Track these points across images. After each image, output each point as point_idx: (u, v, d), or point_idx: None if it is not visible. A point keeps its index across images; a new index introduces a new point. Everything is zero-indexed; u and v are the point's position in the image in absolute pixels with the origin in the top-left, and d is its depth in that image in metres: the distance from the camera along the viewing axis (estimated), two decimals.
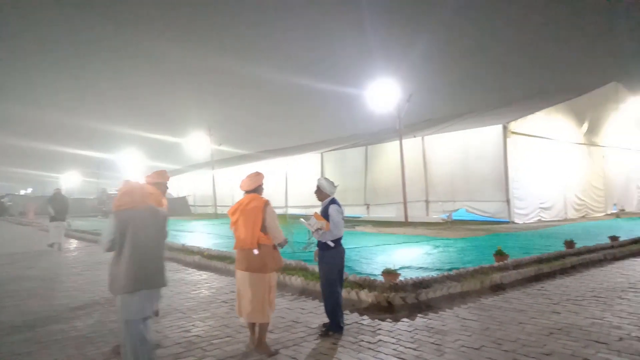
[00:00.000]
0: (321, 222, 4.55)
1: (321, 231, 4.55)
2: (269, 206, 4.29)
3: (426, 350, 4.02)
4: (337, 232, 4.59)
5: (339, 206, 4.70)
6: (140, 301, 3.27)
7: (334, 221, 4.57)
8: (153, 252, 3.41)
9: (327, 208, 4.66)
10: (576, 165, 19.25)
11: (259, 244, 4.16)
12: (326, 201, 4.76)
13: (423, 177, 18.77)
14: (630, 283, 6.51)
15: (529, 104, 22.01)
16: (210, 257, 9.06)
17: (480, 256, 8.23)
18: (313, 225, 4.57)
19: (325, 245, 4.64)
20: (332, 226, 4.55)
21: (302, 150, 29.04)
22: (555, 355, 3.80)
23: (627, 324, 4.57)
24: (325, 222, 4.56)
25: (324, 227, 4.53)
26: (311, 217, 4.63)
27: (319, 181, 4.82)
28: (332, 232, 4.56)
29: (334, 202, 4.70)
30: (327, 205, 4.68)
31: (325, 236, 4.57)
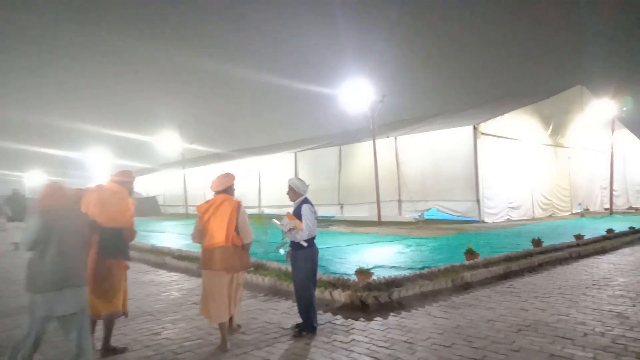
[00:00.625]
0: (294, 222, 4.52)
1: (294, 231, 4.51)
2: (242, 208, 4.43)
3: (399, 349, 4.05)
4: (310, 232, 4.55)
5: (311, 205, 4.65)
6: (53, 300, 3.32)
7: (307, 221, 4.54)
8: (73, 252, 3.46)
9: (299, 208, 4.62)
10: (543, 166, 19.83)
11: (232, 244, 4.28)
12: (298, 201, 4.71)
13: (396, 177, 18.97)
14: (594, 280, 6.73)
15: (498, 105, 22.54)
16: (180, 258, 8.89)
17: (451, 255, 8.35)
18: (286, 225, 4.54)
19: (298, 245, 4.60)
20: (305, 226, 4.52)
21: (276, 150, 28.89)
22: (523, 352, 3.89)
23: (591, 320, 4.72)
24: (298, 222, 4.53)
25: (297, 227, 4.50)
26: (284, 217, 4.59)
27: (291, 181, 4.77)
28: (305, 231, 4.52)
29: (307, 202, 4.66)
30: (300, 205, 4.64)
31: (298, 236, 4.54)
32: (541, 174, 19.54)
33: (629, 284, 6.37)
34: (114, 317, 4.22)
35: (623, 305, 5.25)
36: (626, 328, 4.42)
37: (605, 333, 4.29)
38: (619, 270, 7.50)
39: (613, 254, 9.23)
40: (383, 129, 22.35)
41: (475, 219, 16.43)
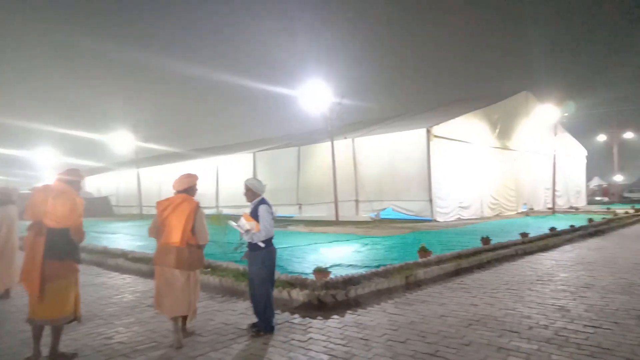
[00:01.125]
0: (251, 223, 4.48)
1: (251, 232, 4.49)
2: (201, 210, 4.57)
3: (355, 346, 4.13)
4: (267, 233, 4.54)
5: (269, 206, 4.64)
6: None
7: (264, 222, 4.51)
8: None
9: (256, 208, 4.59)
10: (491, 168, 20.72)
11: (187, 244, 4.41)
12: (255, 201, 4.68)
13: (353, 178, 19.23)
14: (538, 276, 7.12)
15: (450, 109, 23.34)
16: (134, 260, 8.64)
17: (406, 253, 8.59)
18: (242, 226, 4.50)
19: (255, 246, 4.58)
20: (262, 227, 4.50)
21: (234, 150, 28.54)
22: (473, 345, 4.07)
23: (536, 314, 5.00)
24: (255, 222, 4.49)
25: (254, 228, 4.47)
26: (240, 218, 4.55)
27: (248, 181, 4.74)
28: (262, 232, 4.49)
29: (264, 202, 4.64)
30: (257, 206, 4.61)
31: (255, 237, 4.50)
32: (489, 175, 20.41)
33: (569, 279, 6.79)
34: (61, 322, 4.05)
35: (565, 299, 5.59)
36: (567, 320, 4.71)
37: (549, 326, 4.56)
38: (561, 266, 7.97)
39: (555, 251, 9.79)
40: (341, 130, 22.58)
41: (428, 218, 16.96)
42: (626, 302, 5.38)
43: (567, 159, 27.47)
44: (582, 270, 7.50)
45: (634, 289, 6.00)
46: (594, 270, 7.46)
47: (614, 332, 4.31)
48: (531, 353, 3.84)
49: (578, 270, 7.52)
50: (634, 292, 5.86)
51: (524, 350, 3.90)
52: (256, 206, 4.62)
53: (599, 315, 4.87)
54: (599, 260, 8.40)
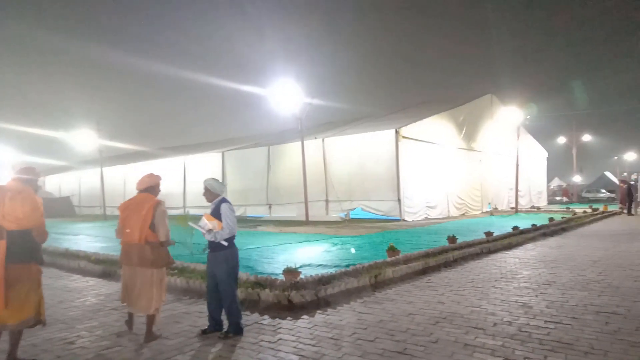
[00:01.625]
0: (213, 223, 4.39)
1: (214, 231, 4.39)
2: (160, 207, 4.54)
3: (325, 346, 4.14)
4: (231, 230, 4.47)
5: (230, 204, 4.59)
6: None
7: (227, 219, 4.45)
8: None
9: (218, 207, 4.51)
10: (457, 168, 21.22)
11: (146, 241, 4.42)
12: (216, 201, 4.59)
13: (323, 178, 19.29)
14: (502, 273, 7.33)
15: (418, 111, 23.76)
16: (97, 262, 8.37)
17: (375, 252, 8.68)
18: (204, 226, 4.39)
19: (218, 245, 4.48)
20: (226, 224, 4.42)
21: (202, 149, 28.11)
22: (440, 343, 4.15)
23: (500, 311, 5.14)
24: (217, 221, 4.41)
25: (216, 227, 4.39)
26: (201, 218, 4.46)
27: (207, 182, 4.65)
28: (226, 230, 4.42)
29: (225, 201, 4.57)
30: (219, 205, 4.53)
31: (219, 235, 4.41)
32: (456, 176, 20.89)
33: (532, 277, 7.01)
34: (23, 326, 3.87)
35: (527, 296, 5.77)
36: (530, 317, 4.87)
37: (513, 322, 4.70)
38: (524, 264, 8.23)
39: (518, 249, 10.11)
40: (311, 130, 22.63)
41: (396, 218, 17.21)
42: (584, 298, 5.60)
43: (529, 161, 28.44)
44: (544, 267, 7.76)
45: (592, 286, 6.26)
46: (554, 267, 7.74)
47: (573, 327, 4.48)
48: (496, 349, 3.94)
49: (540, 267, 7.78)
50: (592, 288, 6.11)
51: (489, 347, 4.00)
52: (217, 205, 4.54)
53: (559, 311, 5.05)
54: (559, 258, 8.72)
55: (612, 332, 4.29)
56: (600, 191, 44.91)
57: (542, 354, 3.80)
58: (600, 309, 5.09)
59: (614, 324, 4.52)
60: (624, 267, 7.63)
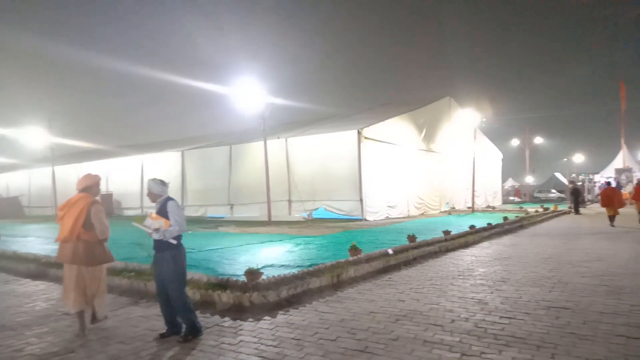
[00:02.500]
0: (159, 221, 4.26)
1: (161, 230, 4.25)
2: (95, 205, 4.75)
3: (287, 346, 4.12)
4: (181, 227, 4.37)
5: (177, 202, 4.51)
6: None
7: (175, 216, 4.34)
8: None
9: (164, 206, 4.40)
10: (417, 169, 21.70)
11: (78, 239, 4.60)
12: (161, 200, 4.47)
13: (286, 178, 19.23)
14: (459, 271, 7.54)
15: (379, 112, 24.11)
16: (48, 265, 7.99)
17: (337, 252, 8.73)
18: (150, 226, 4.24)
19: (165, 245, 4.35)
20: (174, 222, 4.31)
21: (161, 148, 27.39)
22: (400, 340, 4.22)
23: (458, 307, 5.28)
24: (164, 220, 4.28)
25: (163, 225, 4.26)
26: (146, 218, 4.32)
27: (148, 183, 4.53)
28: (175, 227, 4.31)
29: (171, 199, 4.47)
30: (164, 203, 4.42)
31: (168, 234, 4.28)
32: (416, 176, 21.36)
33: (487, 274, 7.25)
34: None
35: (483, 293, 5.96)
36: (486, 313, 5.03)
37: (469, 318, 4.84)
38: (480, 261, 8.50)
39: (475, 248, 10.43)
40: (274, 130, 22.49)
41: (358, 217, 17.40)
42: (536, 294, 5.85)
43: (485, 162, 29.44)
44: (499, 265, 8.05)
45: (543, 282, 6.54)
46: (508, 265, 8.03)
47: (526, 322, 4.66)
48: (453, 345, 4.05)
49: (495, 265, 8.06)
50: (543, 284, 6.39)
51: (447, 343, 4.11)
52: (163, 204, 4.43)
53: (513, 307, 5.25)
54: (513, 256, 9.06)
55: (561, 326, 4.50)
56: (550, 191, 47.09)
57: (497, 349, 3.93)
58: (551, 304, 5.32)
59: (564, 318, 4.74)
60: (573, 263, 8.03)
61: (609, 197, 16.00)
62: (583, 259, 8.52)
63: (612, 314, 4.86)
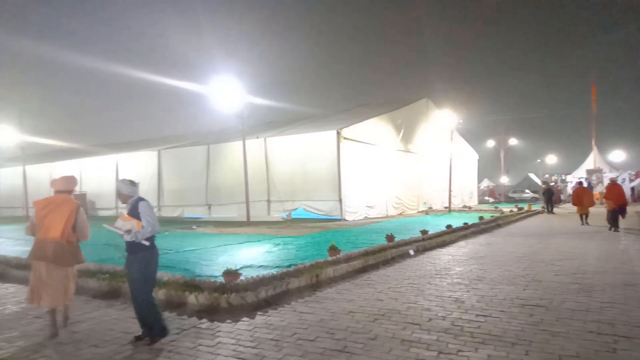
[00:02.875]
0: (131, 223, 4.15)
1: (134, 231, 4.14)
2: (81, 209, 4.88)
3: (265, 348, 4.10)
4: (154, 228, 4.26)
5: (148, 202, 4.40)
6: None
7: (147, 217, 4.24)
8: None
9: (135, 206, 4.29)
10: (395, 169, 21.89)
11: (67, 240, 4.66)
12: (132, 200, 4.37)
13: (265, 178, 19.14)
14: (436, 270, 7.63)
15: (358, 113, 24.23)
16: (19, 267, 7.74)
17: (316, 252, 8.73)
18: (122, 227, 4.13)
19: (137, 247, 4.23)
20: (146, 222, 4.21)
21: (137, 147, 26.90)
22: (379, 339, 4.24)
23: (435, 306, 5.35)
24: (136, 221, 4.18)
25: (135, 227, 4.15)
26: (117, 219, 4.21)
27: (117, 184, 4.46)
28: (148, 228, 4.20)
29: (142, 200, 4.37)
30: (136, 203, 4.31)
31: (140, 235, 4.17)
32: (394, 177, 21.55)
33: (464, 273, 7.37)
34: None
35: (460, 291, 6.05)
36: (462, 311, 5.10)
37: (446, 317, 4.90)
38: (456, 260, 8.63)
39: (451, 247, 10.58)
40: (253, 129, 22.39)
41: (337, 217, 17.45)
42: (511, 292, 5.97)
43: (461, 162, 29.90)
44: (475, 264, 8.18)
45: (518, 280, 6.68)
46: (484, 264, 8.18)
47: (502, 320, 4.75)
48: (431, 343, 4.10)
49: (471, 264, 8.19)
50: (518, 282, 6.52)
51: (424, 341, 4.15)
52: (134, 205, 4.32)
53: (489, 305, 5.34)
54: (488, 255, 9.23)
55: (535, 323, 4.60)
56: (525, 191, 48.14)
57: (473, 347, 3.99)
58: (525, 302, 5.44)
59: (537, 316, 4.84)
60: (546, 262, 8.22)
61: (579, 196, 16.62)
62: (556, 257, 8.74)
63: (584, 311, 5.00)
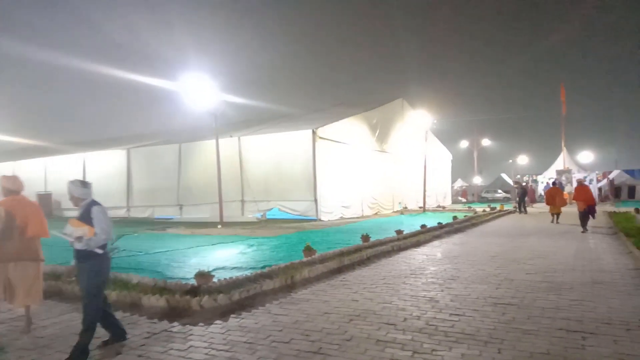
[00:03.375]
0: (82, 229, 3.87)
1: (85, 238, 3.85)
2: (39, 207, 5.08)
3: (239, 350, 4.01)
4: (107, 235, 3.98)
5: (102, 206, 4.11)
6: None
7: (101, 223, 3.94)
8: None
9: (88, 211, 3.99)
10: (371, 169, 22.00)
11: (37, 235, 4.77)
12: (85, 203, 4.07)
13: (239, 177, 18.92)
14: (411, 270, 7.67)
15: (334, 112, 24.25)
16: None
17: (291, 252, 8.65)
18: (71, 233, 3.85)
19: (89, 254, 3.92)
20: (100, 229, 3.91)
21: (105, 146, 26.19)
22: (354, 340, 4.21)
23: (410, 306, 5.35)
24: (88, 227, 3.89)
25: (87, 233, 3.86)
26: (66, 225, 3.92)
27: (68, 186, 4.14)
28: (101, 235, 3.92)
29: (96, 204, 4.08)
30: (88, 208, 4.01)
31: (92, 242, 3.88)
32: (369, 176, 21.65)
33: (438, 272, 7.42)
34: None
35: (434, 291, 6.08)
36: (437, 310, 5.13)
37: (421, 316, 4.91)
38: (431, 260, 8.70)
39: (426, 246, 10.67)
40: (227, 128, 22.10)
41: (313, 218, 17.39)
42: (484, 291, 6.04)
43: (436, 163, 30.33)
44: (449, 263, 8.26)
45: (491, 279, 6.77)
46: (458, 263, 8.27)
47: (475, 318, 4.79)
48: (406, 343, 4.09)
49: (445, 263, 8.27)
50: (491, 282, 6.61)
51: (399, 341, 4.14)
52: (86, 209, 4.01)
53: (462, 304, 5.38)
54: (462, 254, 9.34)
55: (507, 321, 4.66)
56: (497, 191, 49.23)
57: (447, 346, 4.00)
58: (497, 300, 5.50)
59: (510, 314, 4.91)
60: (518, 261, 8.37)
61: (552, 196, 17.34)
62: (527, 256, 8.92)
63: (554, 308, 5.10)
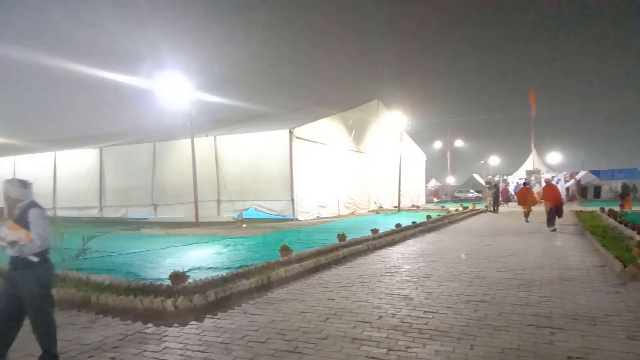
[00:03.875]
0: (18, 233, 3.50)
1: (19, 244, 3.48)
2: None
3: (214, 351, 3.99)
4: (44, 242, 3.58)
5: (42, 209, 3.70)
6: None
7: (38, 228, 3.54)
8: None
9: (25, 213, 3.57)
10: (347, 169, 22.14)
11: None
12: (22, 205, 3.64)
13: (215, 177, 18.76)
14: (386, 268, 7.76)
15: (311, 112, 24.30)
16: None
17: (268, 252, 8.64)
18: (4, 237, 3.49)
19: (25, 262, 3.55)
20: (36, 235, 3.52)
21: (77, 144, 25.54)
22: (330, 338, 4.24)
23: (385, 304, 5.42)
24: (24, 231, 3.51)
25: (23, 238, 3.50)
26: (1, 227, 3.58)
27: (4, 185, 3.70)
28: (37, 241, 3.52)
29: (35, 206, 3.67)
30: (26, 210, 3.59)
31: (27, 249, 3.50)
32: (346, 176, 21.79)
33: (412, 270, 7.54)
34: None
35: (408, 289, 6.18)
36: (411, 308, 5.21)
37: (396, 314, 4.98)
38: (405, 258, 8.82)
39: (401, 245, 10.81)
40: (203, 127, 21.88)
41: (289, 217, 17.40)
42: (457, 288, 6.17)
43: (410, 163, 30.72)
44: (423, 262, 8.40)
45: (463, 277, 6.91)
46: (432, 261, 8.41)
47: (448, 315, 4.89)
48: (381, 341, 4.14)
49: (419, 262, 8.40)
50: (463, 279, 6.75)
51: (375, 339, 4.19)
52: (24, 210, 3.60)
53: (436, 301, 5.49)
54: (435, 253, 9.51)
55: (479, 318, 4.77)
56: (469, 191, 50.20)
57: (421, 343, 4.08)
58: (470, 298, 5.63)
59: (482, 311, 5.03)
60: (489, 259, 8.58)
61: (524, 196, 17.93)
62: (498, 254, 9.14)
63: (524, 305, 5.25)
